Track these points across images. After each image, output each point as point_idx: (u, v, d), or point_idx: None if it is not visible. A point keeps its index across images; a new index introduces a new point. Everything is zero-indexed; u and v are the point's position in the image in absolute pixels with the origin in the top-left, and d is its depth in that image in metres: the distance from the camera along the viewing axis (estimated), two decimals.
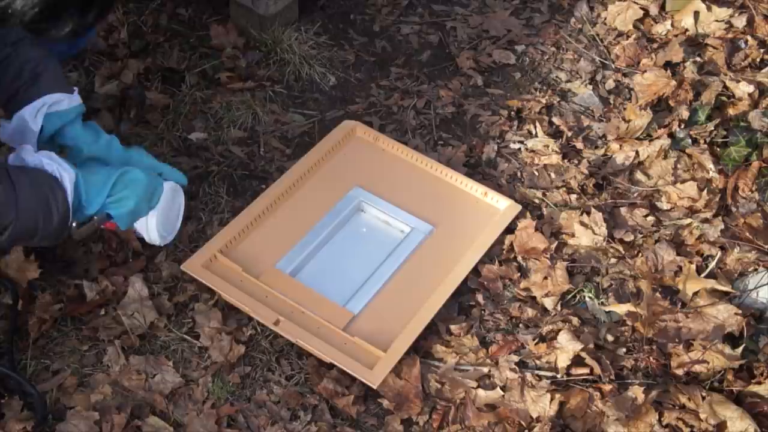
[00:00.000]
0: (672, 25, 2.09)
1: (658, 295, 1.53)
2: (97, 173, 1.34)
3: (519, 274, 1.58)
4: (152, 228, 1.42)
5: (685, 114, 1.84)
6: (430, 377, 1.42)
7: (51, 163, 1.28)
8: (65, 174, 1.28)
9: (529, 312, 1.52)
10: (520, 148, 1.82)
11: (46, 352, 1.41)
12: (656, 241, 1.63)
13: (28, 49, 1.35)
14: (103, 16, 1.16)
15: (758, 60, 1.98)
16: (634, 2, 2.13)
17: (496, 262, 1.59)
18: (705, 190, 1.71)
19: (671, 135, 1.82)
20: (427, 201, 1.67)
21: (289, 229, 1.59)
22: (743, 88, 1.87)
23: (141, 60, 1.90)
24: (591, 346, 1.45)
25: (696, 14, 2.08)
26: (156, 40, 1.96)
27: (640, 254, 1.61)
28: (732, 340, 1.46)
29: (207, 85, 1.89)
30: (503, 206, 1.66)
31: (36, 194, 1.25)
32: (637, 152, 1.78)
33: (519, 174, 1.77)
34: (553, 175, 1.76)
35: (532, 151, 1.81)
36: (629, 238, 1.64)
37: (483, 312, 1.53)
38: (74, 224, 1.30)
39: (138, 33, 1.96)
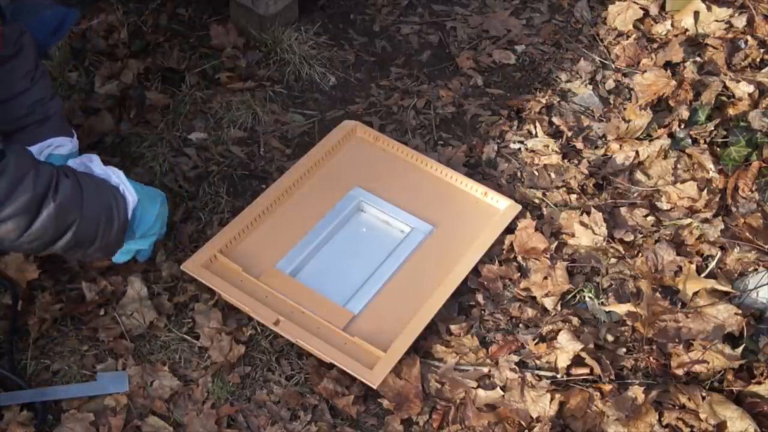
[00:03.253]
0: (672, 25, 2.09)
1: (658, 295, 1.53)
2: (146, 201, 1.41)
3: (519, 274, 1.58)
4: None
5: (685, 114, 1.84)
6: (430, 377, 1.42)
7: (117, 180, 1.35)
8: (128, 191, 1.35)
9: (529, 312, 1.52)
10: (520, 148, 1.82)
11: (46, 352, 1.41)
12: (656, 241, 1.63)
13: (43, 84, 1.41)
14: None
15: (758, 60, 1.99)
16: (634, 2, 2.13)
17: (496, 262, 1.59)
18: (705, 190, 1.71)
19: (671, 135, 1.82)
20: (427, 201, 1.67)
21: (289, 229, 1.59)
22: (743, 88, 1.87)
23: (141, 60, 1.90)
24: (591, 346, 1.45)
25: (696, 14, 2.08)
26: (156, 40, 1.96)
27: (640, 254, 1.61)
28: (732, 340, 1.46)
29: (207, 85, 1.89)
30: (503, 206, 1.66)
31: (100, 198, 1.30)
32: (637, 152, 1.78)
33: (519, 174, 1.77)
34: (553, 175, 1.76)
35: (532, 151, 1.81)
36: (629, 238, 1.64)
37: (483, 312, 1.53)
38: None
39: (138, 33, 1.96)
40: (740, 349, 1.42)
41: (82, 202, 1.26)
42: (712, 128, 1.80)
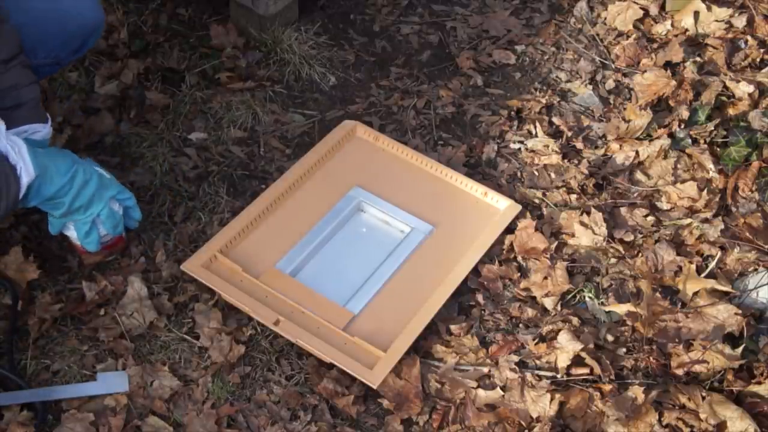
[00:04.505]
0: (672, 25, 2.09)
1: (658, 295, 1.53)
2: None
3: (519, 274, 1.58)
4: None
5: (685, 114, 1.84)
6: (430, 377, 1.42)
7: (17, 158, 1.28)
8: (25, 173, 1.28)
9: (529, 312, 1.52)
10: (520, 148, 1.82)
11: (46, 352, 1.41)
12: (656, 241, 1.63)
13: (19, 71, 1.38)
14: None
15: (758, 60, 1.98)
16: (634, 2, 2.13)
17: (496, 262, 1.59)
18: (705, 190, 1.71)
19: (671, 135, 1.82)
20: (427, 201, 1.67)
21: (289, 229, 1.59)
22: (743, 88, 1.87)
23: (141, 60, 1.90)
24: (591, 346, 1.45)
25: (696, 14, 2.08)
26: (156, 40, 1.96)
27: (640, 254, 1.61)
28: (732, 340, 1.46)
29: (207, 85, 1.89)
30: (503, 206, 1.66)
31: None
32: (637, 152, 1.78)
33: (519, 174, 1.77)
34: (553, 175, 1.76)
35: (532, 151, 1.81)
36: (629, 238, 1.64)
37: (483, 312, 1.53)
38: None
39: (138, 33, 1.96)
40: (740, 349, 1.42)
41: None
42: (712, 128, 1.80)
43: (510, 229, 1.63)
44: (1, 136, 1.30)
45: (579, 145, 1.82)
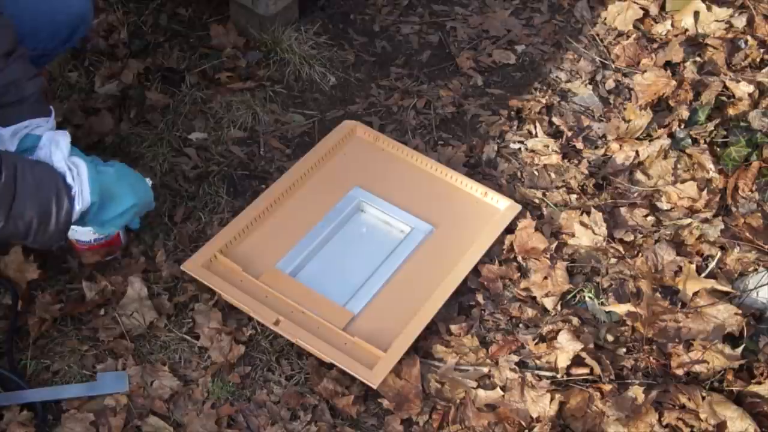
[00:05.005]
0: (672, 25, 2.09)
1: (658, 295, 1.53)
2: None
3: (519, 274, 1.58)
4: None
5: (685, 114, 1.84)
6: (430, 377, 1.42)
7: (74, 181, 1.26)
8: (79, 198, 1.26)
9: (529, 312, 1.52)
10: (520, 148, 1.82)
11: (46, 352, 1.41)
12: (656, 241, 1.63)
13: (20, 65, 1.36)
14: None
15: (758, 60, 1.98)
16: (634, 2, 2.13)
17: (496, 262, 1.59)
18: (705, 190, 1.71)
19: (671, 135, 1.82)
20: (427, 201, 1.67)
21: (289, 229, 1.59)
22: (743, 88, 1.87)
23: (141, 60, 1.90)
24: (591, 346, 1.45)
25: (696, 14, 2.08)
26: (156, 40, 1.96)
27: (640, 254, 1.61)
28: (732, 340, 1.46)
29: (207, 85, 1.89)
30: (503, 206, 1.66)
31: (38, 199, 1.22)
32: (637, 152, 1.78)
33: (519, 174, 1.77)
34: (553, 175, 1.76)
35: (532, 151, 1.81)
36: (629, 238, 1.64)
37: (483, 312, 1.53)
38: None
39: (138, 33, 1.96)
40: (740, 349, 1.42)
41: (12, 201, 1.19)
42: (712, 128, 1.80)
43: (510, 229, 1.63)
44: (62, 157, 1.29)
45: (579, 145, 1.83)
